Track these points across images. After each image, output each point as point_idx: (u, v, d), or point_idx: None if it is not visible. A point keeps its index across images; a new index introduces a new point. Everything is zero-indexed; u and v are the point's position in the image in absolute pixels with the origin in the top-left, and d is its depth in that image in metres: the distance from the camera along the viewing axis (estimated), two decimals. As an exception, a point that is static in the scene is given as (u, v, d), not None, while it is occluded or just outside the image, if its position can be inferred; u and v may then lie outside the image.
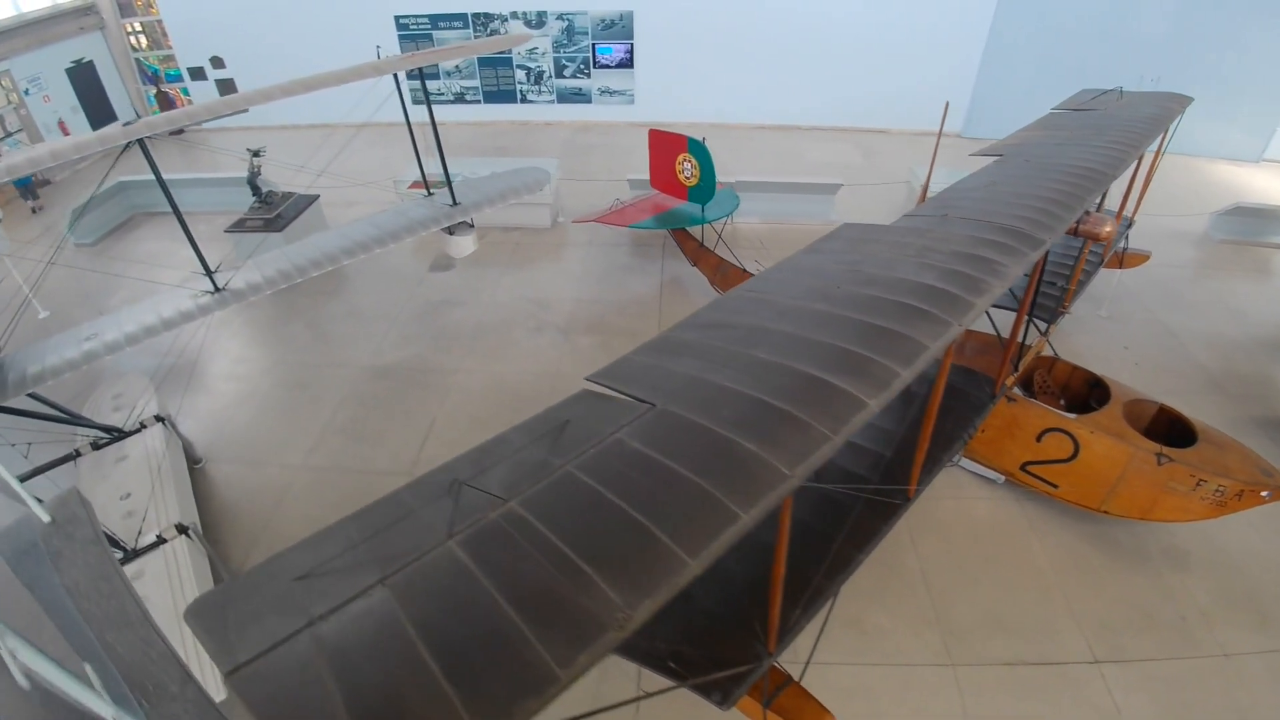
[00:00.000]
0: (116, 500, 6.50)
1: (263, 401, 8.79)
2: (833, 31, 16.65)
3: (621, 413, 4.02)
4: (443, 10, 17.05)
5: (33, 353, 6.39)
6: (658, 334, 4.94)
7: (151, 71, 19.45)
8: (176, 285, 7.03)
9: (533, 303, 10.47)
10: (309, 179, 11.69)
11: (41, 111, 18.06)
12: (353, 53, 17.79)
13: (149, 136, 6.26)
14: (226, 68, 18.66)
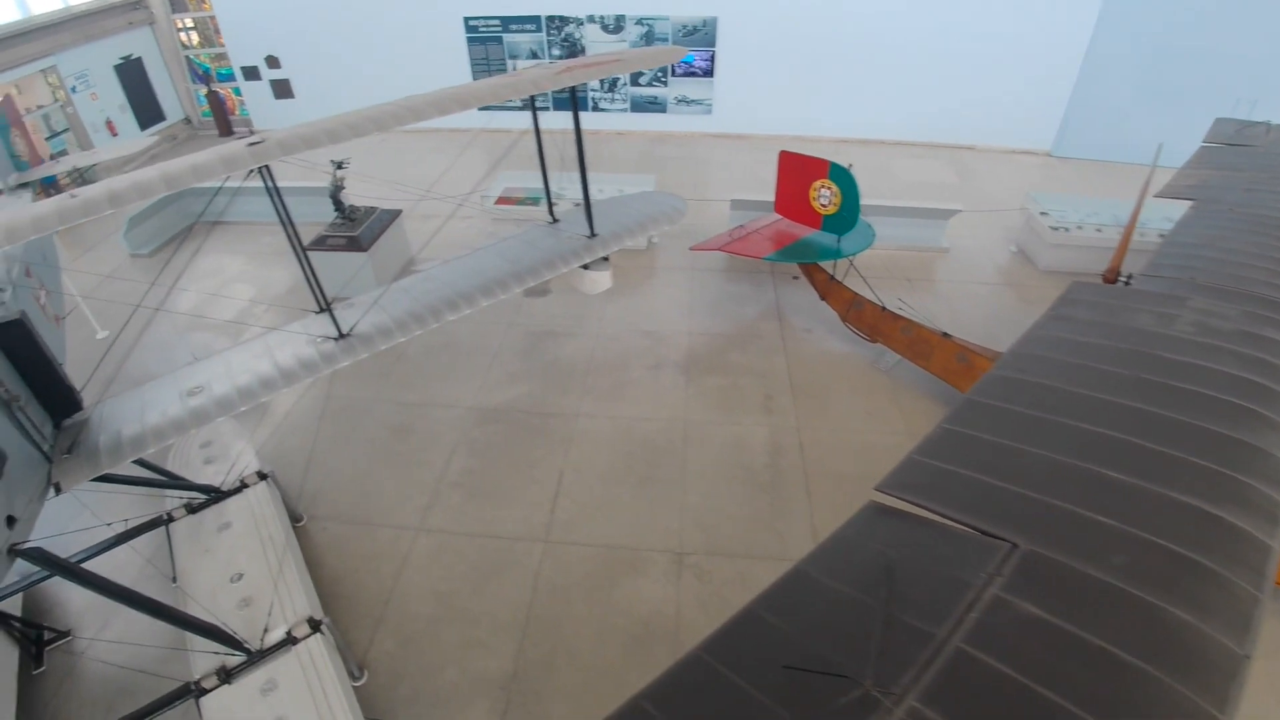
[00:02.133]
0: (227, 583, 5.57)
1: (364, 447, 7.87)
2: (921, 42, 15.67)
3: (968, 552, 3.17)
4: (514, 12, 16.14)
5: (126, 408, 5.42)
6: (937, 428, 4.06)
7: (202, 70, 18.64)
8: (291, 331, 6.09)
9: (645, 335, 9.51)
10: (383, 189, 10.83)
11: (89, 110, 17.26)
12: (419, 56, 17.19)
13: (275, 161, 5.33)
14: (282, 67, 17.79)
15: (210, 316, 9.87)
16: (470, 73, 16.81)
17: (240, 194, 13.35)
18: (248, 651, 5.06)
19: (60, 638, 6.46)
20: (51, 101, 17.11)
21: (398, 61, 16.85)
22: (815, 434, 7.98)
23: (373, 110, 5.69)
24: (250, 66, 17.99)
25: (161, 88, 18.75)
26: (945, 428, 4.06)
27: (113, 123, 17.49)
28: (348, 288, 10.14)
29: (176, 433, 5.09)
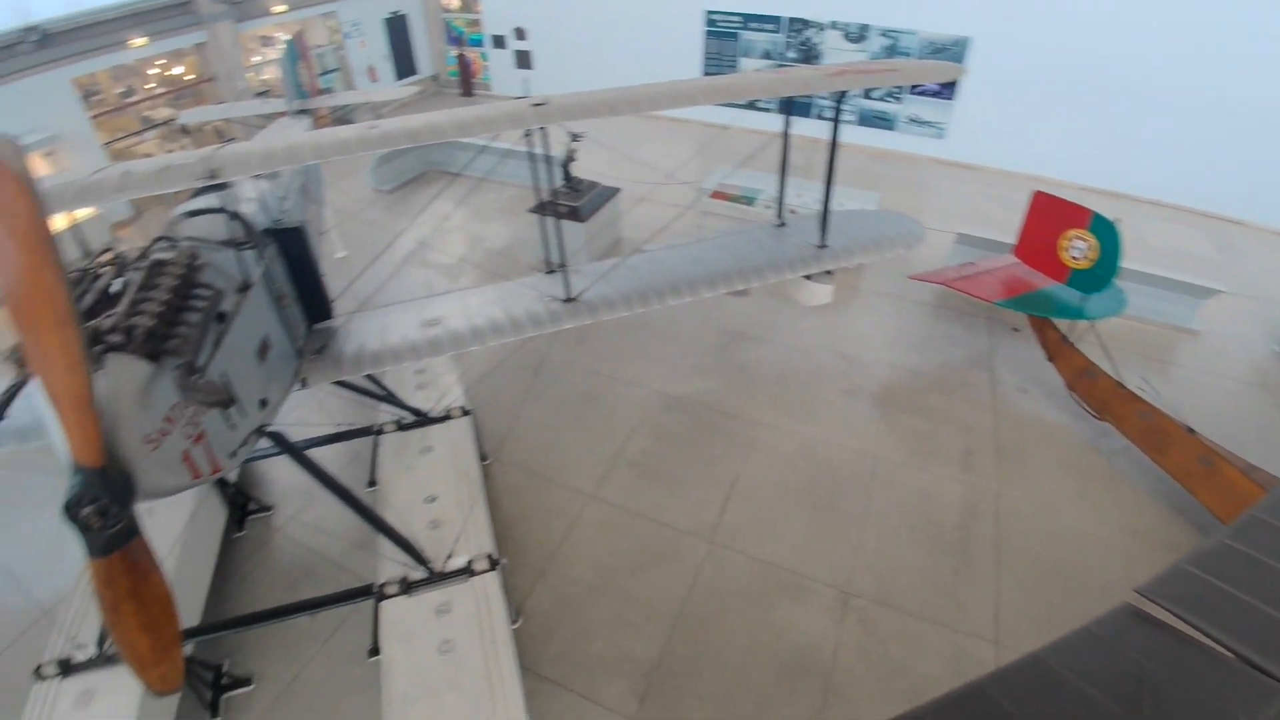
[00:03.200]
0: (420, 503, 5.94)
1: (552, 406, 8.14)
2: (1199, 92, 13.64)
3: (1238, 686, 2.76)
4: (756, 10, 16.03)
5: (369, 325, 5.89)
6: (1217, 541, 3.64)
7: (456, 33, 20.21)
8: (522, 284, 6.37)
9: (841, 357, 9.09)
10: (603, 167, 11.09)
11: (356, 55, 19.28)
12: (654, 44, 17.61)
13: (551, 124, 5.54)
14: (526, 40, 18.90)
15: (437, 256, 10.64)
16: (701, 66, 16.95)
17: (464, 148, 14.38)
18: (430, 570, 5.35)
19: (262, 511, 7.23)
20: (327, 43, 19.34)
21: (632, 47, 17.33)
22: (1015, 504, 7.23)
23: (646, 89, 5.75)
24: (499, 36, 19.28)
25: (419, 45, 20.58)
26: (1227, 543, 3.64)
27: (374, 70, 19.46)
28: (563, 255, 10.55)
29: (412, 357, 5.44)
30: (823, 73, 6.34)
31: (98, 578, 3.67)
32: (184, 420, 3.72)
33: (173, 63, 17.54)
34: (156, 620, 4.15)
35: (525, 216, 11.67)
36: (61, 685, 4.95)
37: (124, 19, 14.49)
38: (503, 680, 4.66)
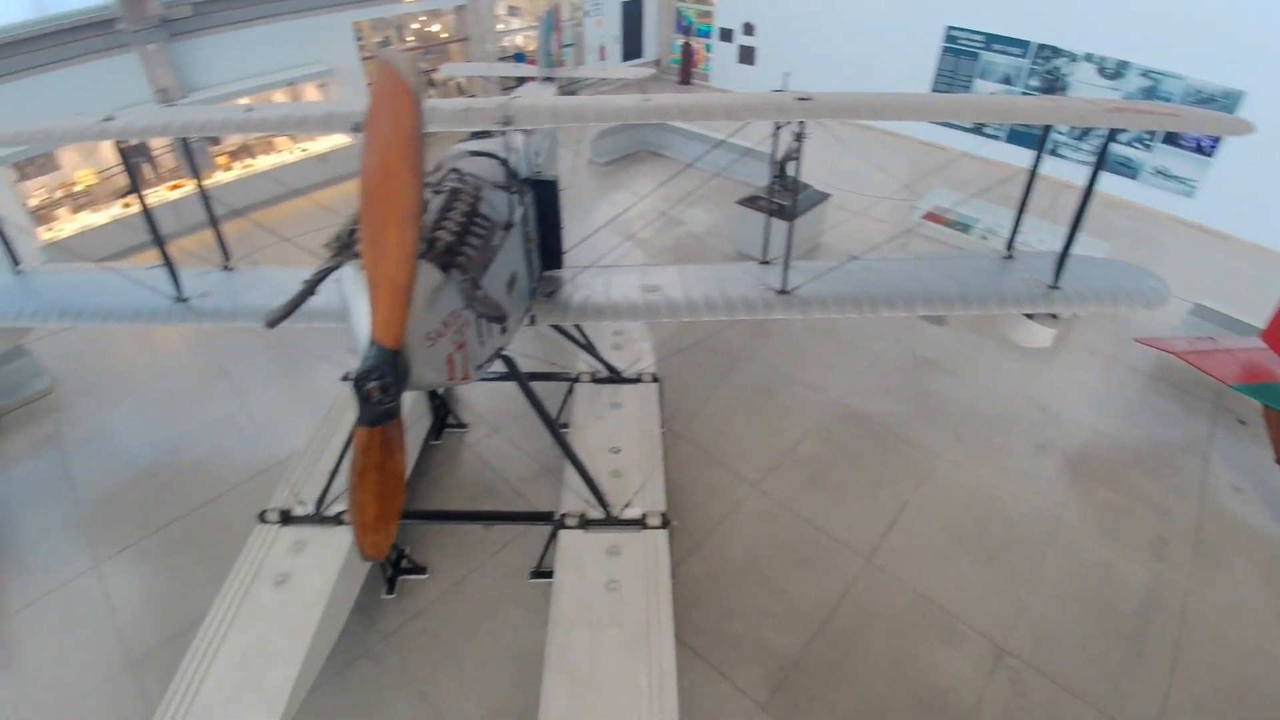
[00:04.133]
0: (605, 451, 6.36)
1: (730, 391, 8.35)
2: None
3: None
4: (1003, 32, 15.16)
5: (594, 281, 6.34)
6: None
7: (686, 22, 20.75)
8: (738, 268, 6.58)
9: (1038, 408, 8.56)
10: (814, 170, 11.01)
11: (591, 33, 20.32)
12: (883, 55, 17.16)
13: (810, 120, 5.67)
14: (754, 36, 19.07)
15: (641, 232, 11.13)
16: (931, 82, 16.32)
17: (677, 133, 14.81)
18: (608, 512, 5.74)
19: (459, 426, 8.00)
20: (568, 18, 20.54)
21: (861, 55, 16.99)
22: (1205, 608, 6.53)
23: (911, 97, 5.74)
24: (728, 29, 19.57)
25: (649, 29, 21.35)
26: None
27: (604, 48, 20.46)
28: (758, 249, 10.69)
29: (630, 316, 5.82)
30: (1098, 107, 5.98)
31: (358, 444, 4.30)
32: (455, 327, 4.26)
33: (431, 20, 19.38)
34: (388, 493, 4.79)
35: (726, 206, 11.89)
36: (280, 532, 5.83)
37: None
38: (660, 628, 4.94)
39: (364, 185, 3.30)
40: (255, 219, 9.77)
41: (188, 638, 6.08)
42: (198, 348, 9.78)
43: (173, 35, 13.00)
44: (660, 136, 15.03)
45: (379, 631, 6.03)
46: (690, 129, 14.20)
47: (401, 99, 3.05)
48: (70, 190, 12.45)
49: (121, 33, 12.49)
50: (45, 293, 6.74)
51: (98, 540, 7.12)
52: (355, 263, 4.07)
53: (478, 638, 5.99)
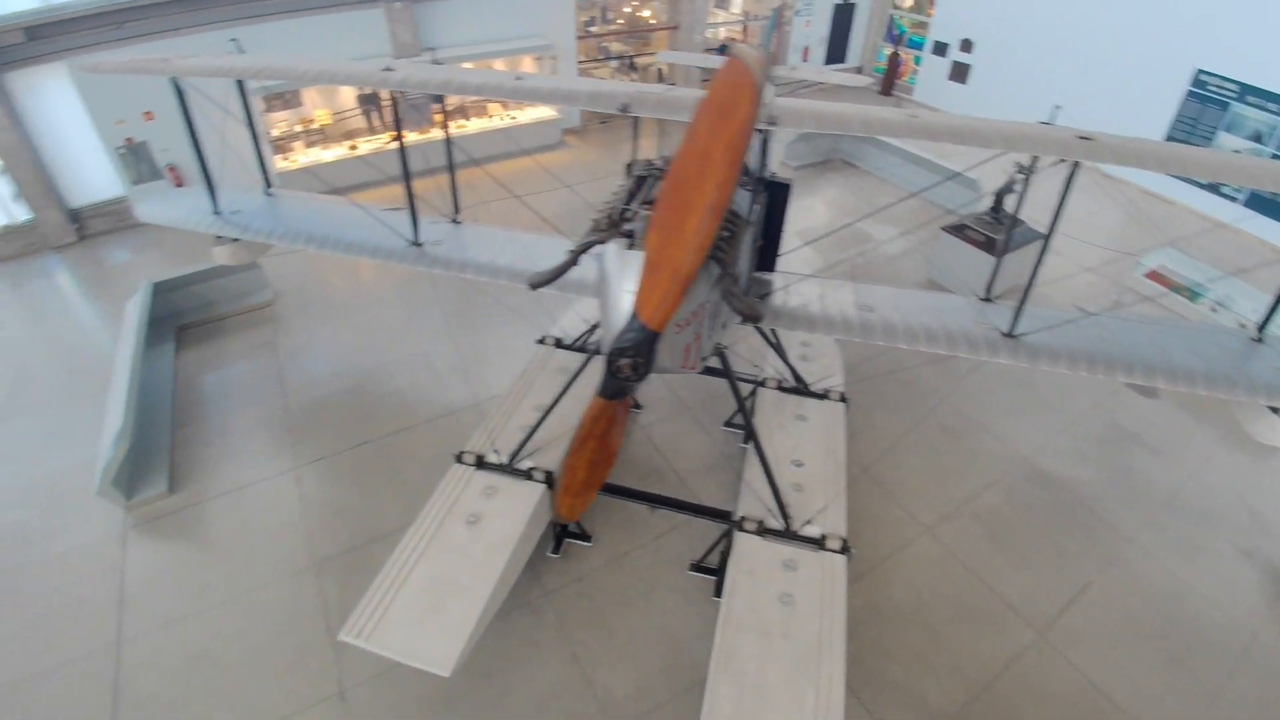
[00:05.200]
0: (788, 463, 6.26)
1: (913, 427, 8.03)
2: None
3: None
4: (1264, 84, 13.43)
5: (809, 290, 6.19)
6: None
7: (898, 31, 19.94)
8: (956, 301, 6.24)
9: (1249, 511, 7.53)
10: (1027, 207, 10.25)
11: (798, 33, 19.97)
12: (1113, 92, 15.72)
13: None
14: (970, 53, 18.04)
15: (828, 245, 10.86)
16: (1166, 129, 14.78)
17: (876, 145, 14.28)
18: (787, 525, 5.65)
19: (635, 407, 8.16)
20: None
21: (1089, 88, 15.62)
22: None
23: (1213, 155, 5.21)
24: (943, 43, 18.62)
25: (856, 34, 20.71)
26: None
27: (808, 50, 20.07)
28: (957, 281, 10.17)
29: (843, 332, 5.66)
30: None
31: (591, 413, 4.46)
32: (700, 318, 4.31)
33: (643, 5, 19.75)
34: (599, 464, 4.96)
35: (923, 229, 11.35)
36: (474, 474, 6.17)
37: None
38: (831, 652, 4.82)
39: (676, 169, 3.36)
40: (466, 176, 10.41)
41: (368, 551, 6.67)
42: (405, 288, 10.56)
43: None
44: (856, 146, 14.59)
45: (541, 587, 6.29)
46: (893, 143, 13.66)
47: (743, 94, 3.07)
48: (308, 127, 13.78)
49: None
50: (293, 216, 7.47)
51: (300, 445, 7.89)
52: (621, 241, 4.21)
53: (632, 614, 6.12)
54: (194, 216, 7.50)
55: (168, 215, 7.77)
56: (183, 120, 7.15)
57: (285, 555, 6.72)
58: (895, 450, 7.75)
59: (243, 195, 7.85)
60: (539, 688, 5.66)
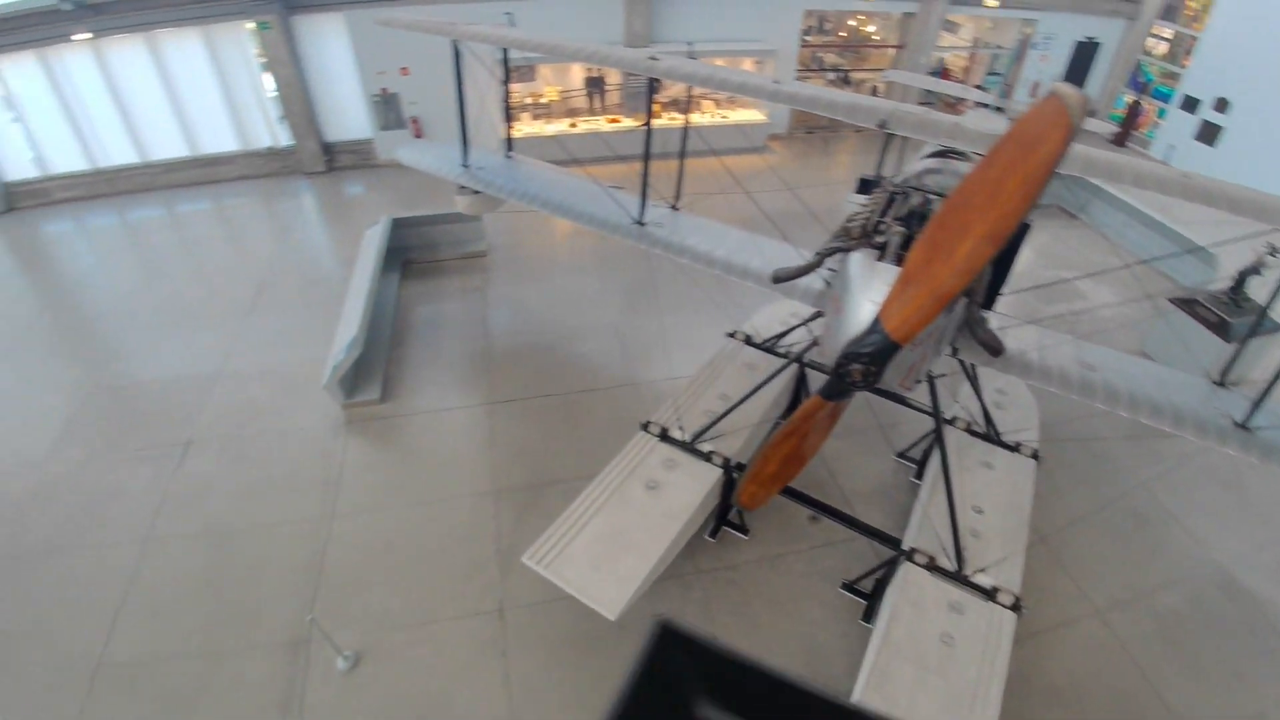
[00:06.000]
0: (968, 507, 6.13)
1: (1099, 501, 7.52)
2: None
3: None
4: None
5: (1028, 335, 5.97)
6: None
7: (1144, 78, 18.34)
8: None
9: None
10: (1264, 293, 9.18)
11: (1030, 67, 18.86)
12: None
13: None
14: (1225, 114, 16.26)
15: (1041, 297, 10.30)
16: None
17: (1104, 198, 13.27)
18: (959, 568, 5.56)
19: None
20: (1009, 47, 19.26)
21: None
22: None
23: None
24: (1194, 98, 16.92)
25: (1095, 76, 19.24)
26: None
27: (1038, 86, 18.89)
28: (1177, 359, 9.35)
29: (1056, 385, 5.43)
30: None
31: (805, 410, 4.63)
32: (931, 340, 4.37)
33: (867, 20, 19.42)
34: (792, 461, 5.13)
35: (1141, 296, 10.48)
36: (656, 445, 6.53)
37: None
38: (986, 703, 4.73)
39: (962, 192, 3.43)
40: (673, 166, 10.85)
41: (542, 492, 7.26)
42: (604, 261, 11.22)
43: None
44: (1081, 196, 13.64)
45: (694, 565, 6.58)
46: (1127, 199, 12.65)
47: (1055, 133, 3.09)
48: (537, 100, 14.86)
49: (618, -23, 14.41)
50: (530, 180, 8.15)
51: (495, 384, 8.68)
52: (870, 252, 4.34)
53: (777, 614, 6.26)
54: (445, 166, 8.40)
55: (423, 162, 8.75)
56: (454, 79, 8.03)
57: (470, 477, 7.45)
58: (1078, 523, 7.31)
59: (487, 154, 8.69)
60: (676, 657, 5.93)
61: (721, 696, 0.80)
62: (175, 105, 14.89)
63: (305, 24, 14.49)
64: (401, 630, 6.11)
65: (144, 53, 14.32)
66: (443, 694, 5.69)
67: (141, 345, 10.11)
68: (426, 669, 5.85)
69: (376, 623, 6.17)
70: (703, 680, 0.79)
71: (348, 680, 5.77)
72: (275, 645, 6.03)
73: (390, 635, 6.08)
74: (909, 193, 4.94)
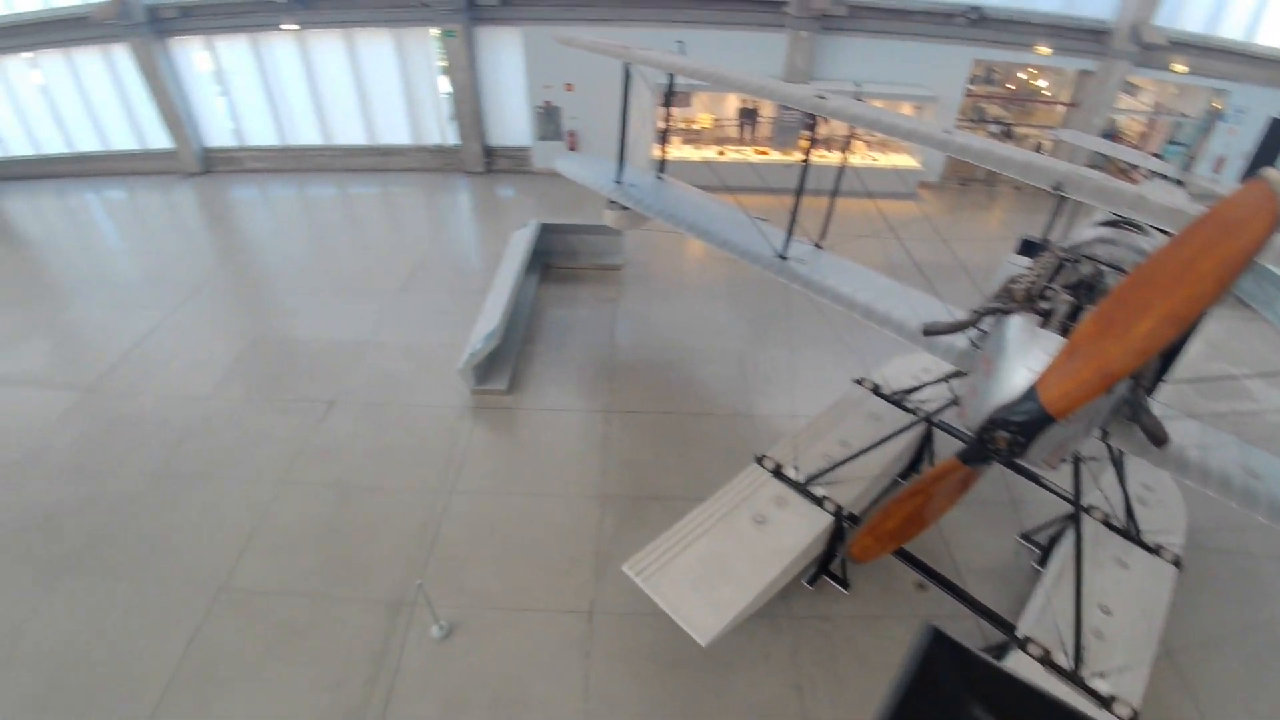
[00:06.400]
0: (1094, 605, 5.68)
1: (1240, 626, 6.78)
2: None
3: None
4: None
5: (1189, 430, 5.51)
6: None
7: (1357, 171, 16.45)
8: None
9: None
10: None
11: (1217, 140, 17.42)
12: None
13: None
14: None
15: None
16: None
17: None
18: (1075, 669, 5.17)
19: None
20: (1195, 116, 17.86)
21: None
22: None
23: None
24: None
25: (1297, 160, 17.48)
26: None
27: (1223, 162, 17.39)
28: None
29: (1215, 489, 4.94)
30: None
31: (939, 470, 4.49)
32: (1087, 418, 4.13)
33: (1039, 75, 18.59)
34: (914, 521, 4.96)
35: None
36: (769, 480, 6.48)
37: (1041, 26, 15.68)
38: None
39: (1147, 266, 3.27)
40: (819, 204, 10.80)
41: (646, 505, 7.37)
42: (736, 289, 11.31)
43: (824, 29, 14.72)
44: (1265, 290, 12.40)
45: (787, 609, 6.46)
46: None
47: (1261, 220, 2.91)
48: (689, 126, 15.22)
49: (787, 15, 14.56)
50: (678, 202, 8.36)
51: (614, 393, 8.92)
52: (1032, 317, 4.18)
53: (868, 676, 6.03)
54: (600, 180, 8.77)
55: (580, 174, 9.17)
56: (620, 99, 8.40)
57: (580, 478, 7.69)
58: (1214, 644, 6.60)
59: (639, 173, 9.00)
60: (755, 698, 5.84)
61: (989, 703, 0.84)
62: (361, 97, 16.39)
63: (486, 34, 15.57)
64: (495, 611, 6.37)
65: (340, 47, 15.89)
66: (522, 680, 5.87)
67: (303, 306, 11.16)
68: (511, 653, 6.06)
69: (473, 599, 6.47)
70: (967, 686, 0.84)
71: (438, 648, 6.09)
72: (380, 601, 6.45)
73: (484, 614, 6.35)
74: (1080, 261, 4.71)
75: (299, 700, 5.73)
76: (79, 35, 15.93)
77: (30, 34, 16.18)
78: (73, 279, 12.89)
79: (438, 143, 16.80)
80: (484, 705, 5.70)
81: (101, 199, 16.83)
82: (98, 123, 17.52)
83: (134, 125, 17.46)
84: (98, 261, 13.68)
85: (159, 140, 17.33)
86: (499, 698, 5.76)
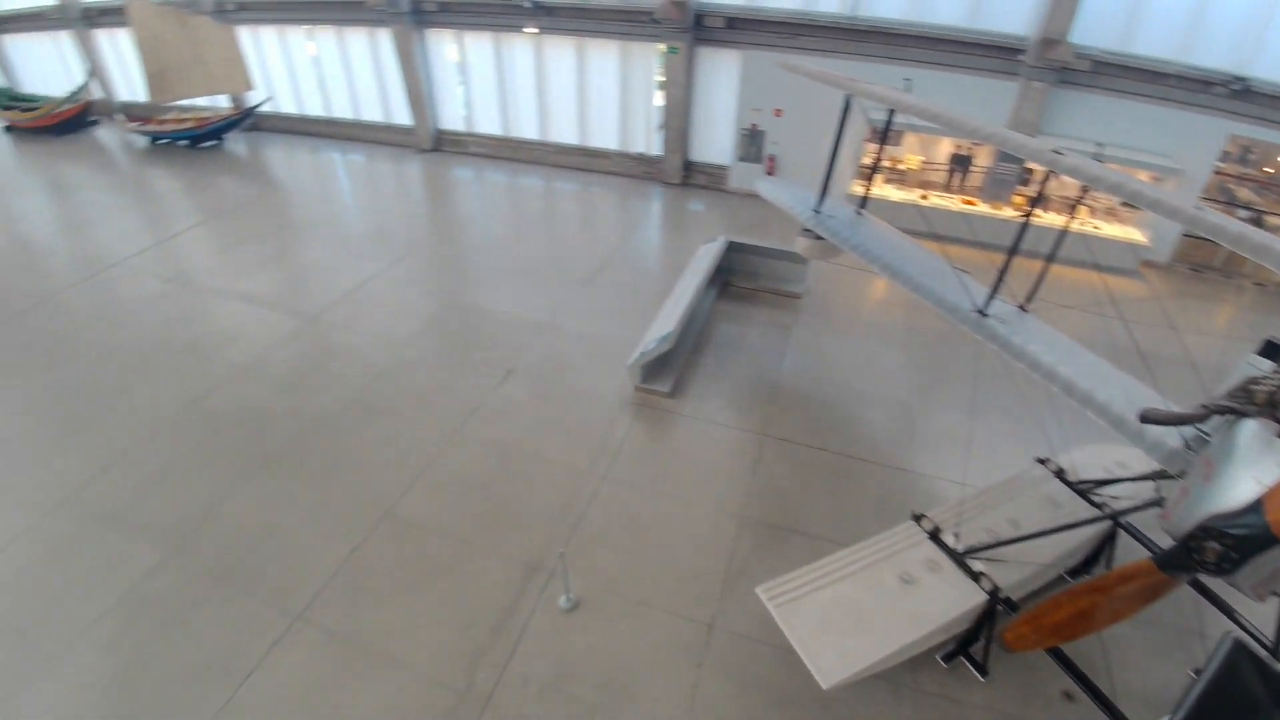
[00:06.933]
0: None
1: None
2: None
3: None
4: None
5: None
6: None
7: None
8: None
9: None
10: None
11: None
12: None
13: None
14: None
15: None
16: None
17: None
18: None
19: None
20: None
21: None
22: None
23: None
24: None
25: None
26: None
27: None
28: None
29: None
30: None
31: (1127, 570, 4.10)
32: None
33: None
34: (1084, 620, 4.54)
35: None
36: (924, 541, 6.14)
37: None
38: None
39: None
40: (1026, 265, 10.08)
41: (785, 537, 7.27)
42: (917, 339, 10.80)
43: (1060, 82, 13.72)
44: None
45: (914, 679, 6.10)
46: None
47: None
48: (894, 165, 14.80)
49: (1021, 64, 13.74)
50: (874, 240, 8.16)
51: (773, 419, 8.88)
52: (1271, 426, 3.72)
53: (991, 775, 5.57)
54: (799, 207, 8.78)
55: (780, 198, 9.24)
56: (835, 130, 8.36)
57: (725, 494, 7.74)
58: None
59: (839, 205, 8.90)
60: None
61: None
62: (580, 100, 17.52)
63: (706, 54, 16.07)
64: (620, 599, 6.58)
65: (571, 53, 17.08)
66: (631, 672, 6.01)
67: (498, 281, 12.17)
68: (627, 643, 6.22)
69: (602, 582, 6.71)
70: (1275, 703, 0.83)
71: (563, 618, 6.39)
72: (519, 561, 6.88)
73: (609, 598, 6.58)
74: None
75: (430, 630, 6.27)
76: (353, 16, 18.49)
77: (313, 10, 19.05)
78: (312, 222, 14.92)
79: (642, 152, 17.55)
80: (593, 683, 5.91)
81: (345, 160, 19.32)
82: (354, 94, 20.21)
83: (384, 101, 19.90)
84: (334, 211, 15.74)
85: (401, 117, 19.64)
86: (608, 680, 5.93)
